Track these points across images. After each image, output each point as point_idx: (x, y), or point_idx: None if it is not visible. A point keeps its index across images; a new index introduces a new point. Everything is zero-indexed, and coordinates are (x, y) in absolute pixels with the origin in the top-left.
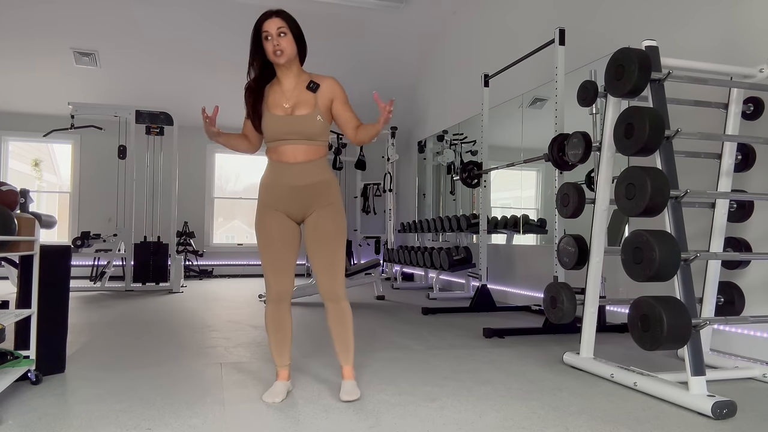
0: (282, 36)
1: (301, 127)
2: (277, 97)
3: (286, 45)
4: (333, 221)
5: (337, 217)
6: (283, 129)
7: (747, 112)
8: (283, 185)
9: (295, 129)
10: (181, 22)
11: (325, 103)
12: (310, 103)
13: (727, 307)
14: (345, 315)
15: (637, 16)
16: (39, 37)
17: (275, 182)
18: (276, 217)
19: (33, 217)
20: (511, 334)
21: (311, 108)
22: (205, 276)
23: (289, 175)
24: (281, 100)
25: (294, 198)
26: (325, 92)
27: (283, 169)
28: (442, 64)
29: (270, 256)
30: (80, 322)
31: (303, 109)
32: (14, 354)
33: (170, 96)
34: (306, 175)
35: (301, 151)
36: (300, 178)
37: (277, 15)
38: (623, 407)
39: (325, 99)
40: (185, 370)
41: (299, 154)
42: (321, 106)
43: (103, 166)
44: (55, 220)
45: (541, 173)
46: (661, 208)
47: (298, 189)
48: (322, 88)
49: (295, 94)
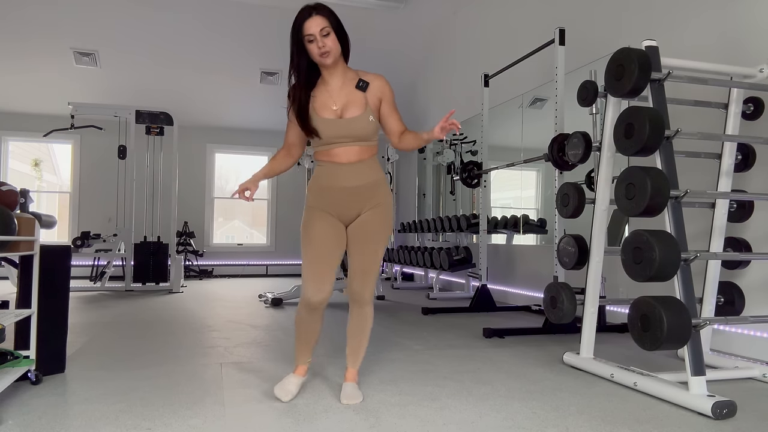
0: (326, 36)
1: (353, 130)
2: (325, 98)
3: (332, 45)
4: (380, 223)
5: (384, 219)
6: (334, 133)
7: (747, 112)
8: (335, 187)
9: (347, 132)
10: (181, 22)
11: (374, 102)
12: (360, 103)
13: (727, 307)
14: (366, 320)
15: (637, 16)
16: (39, 37)
17: (327, 184)
18: (325, 219)
19: (33, 217)
20: (511, 334)
21: (362, 109)
22: (205, 276)
23: (341, 176)
24: (329, 101)
25: (346, 199)
26: (374, 91)
27: (336, 170)
28: (443, 64)
29: (314, 255)
30: (80, 322)
31: (353, 110)
32: (14, 354)
33: (170, 96)
34: (358, 175)
35: (354, 152)
36: (353, 178)
37: (317, 12)
38: (623, 407)
39: (375, 98)
40: (185, 370)
41: (352, 155)
42: (372, 105)
43: (103, 166)
44: (55, 220)
45: (541, 173)
46: (661, 208)
47: (351, 190)
48: (372, 87)
49: (343, 94)
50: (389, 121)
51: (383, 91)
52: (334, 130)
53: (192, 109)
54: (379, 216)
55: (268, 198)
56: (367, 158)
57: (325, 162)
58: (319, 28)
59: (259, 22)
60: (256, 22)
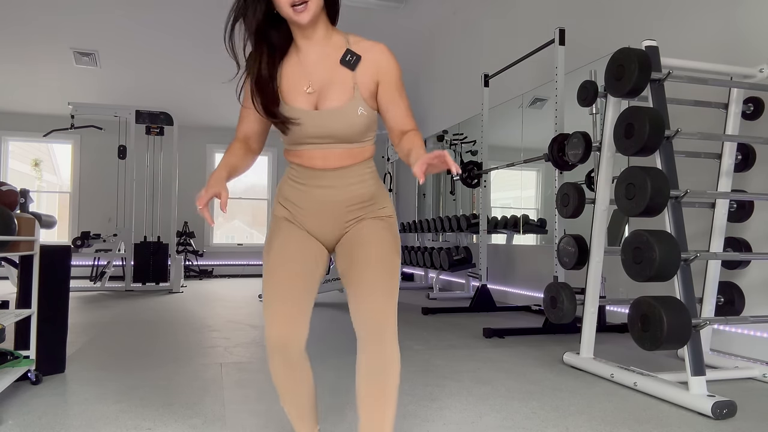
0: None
1: (333, 127)
2: (295, 76)
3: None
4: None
5: (389, 233)
6: (306, 131)
7: (747, 112)
8: (310, 200)
9: (325, 131)
10: (181, 22)
11: (367, 85)
12: (346, 86)
13: (727, 307)
14: (388, 368)
15: (637, 16)
16: (39, 37)
17: (299, 195)
18: (296, 236)
19: (33, 217)
20: (511, 334)
21: (348, 95)
22: (205, 276)
23: (318, 185)
24: (300, 80)
25: (325, 216)
26: (369, 69)
27: (311, 179)
28: (442, 64)
29: (277, 284)
30: (80, 322)
31: (334, 98)
32: (14, 354)
33: (170, 96)
34: (343, 186)
35: (335, 156)
36: (334, 191)
37: None
38: (623, 407)
39: (368, 79)
40: (185, 370)
41: (332, 160)
42: (363, 90)
43: (103, 166)
44: (55, 220)
45: (541, 173)
46: (661, 208)
47: (331, 206)
48: (365, 62)
49: (321, 70)
50: (390, 113)
51: (383, 68)
52: (306, 127)
53: (192, 109)
54: (381, 229)
55: (268, 198)
56: (356, 162)
57: (296, 165)
58: None
59: None
60: None
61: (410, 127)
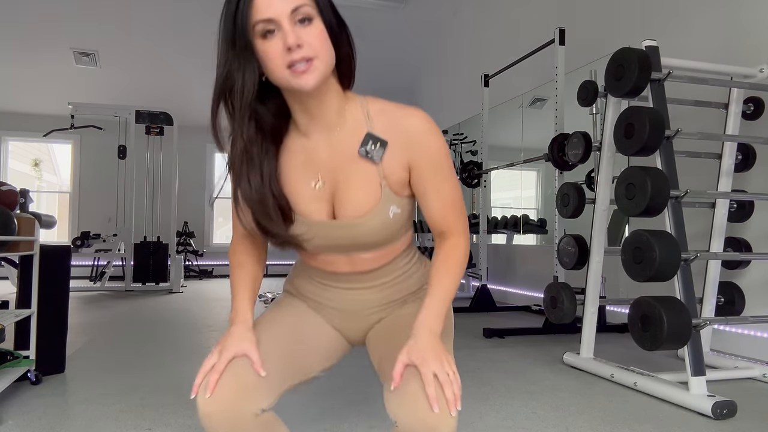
0: (304, 23)
1: (357, 238)
2: (297, 169)
3: (317, 43)
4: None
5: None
6: (320, 243)
7: (747, 112)
8: (336, 298)
9: (347, 241)
10: (181, 22)
11: (399, 175)
12: (370, 182)
13: (727, 307)
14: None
15: (637, 16)
16: (39, 37)
17: (320, 291)
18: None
19: (33, 217)
20: (511, 334)
21: (373, 197)
22: (205, 276)
23: (347, 288)
24: (305, 174)
25: (354, 316)
26: (398, 152)
27: (334, 281)
28: (442, 64)
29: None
30: (80, 322)
31: (356, 201)
32: (14, 354)
33: (170, 96)
34: (380, 285)
35: (365, 262)
36: (369, 291)
37: None
38: (623, 407)
39: (399, 167)
40: (185, 369)
41: (361, 264)
42: (393, 182)
43: (103, 166)
44: (55, 220)
45: (541, 173)
46: (661, 208)
47: (363, 303)
48: (393, 145)
49: (334, 158)
50: (425, 203)
51: (415, 150)
52: (319, 240)
53: (192, 109)
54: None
55: None
56: (393, 259)
57: (313, 267)
58: (291, 5)
59: None
60: None
61: (449, 228)
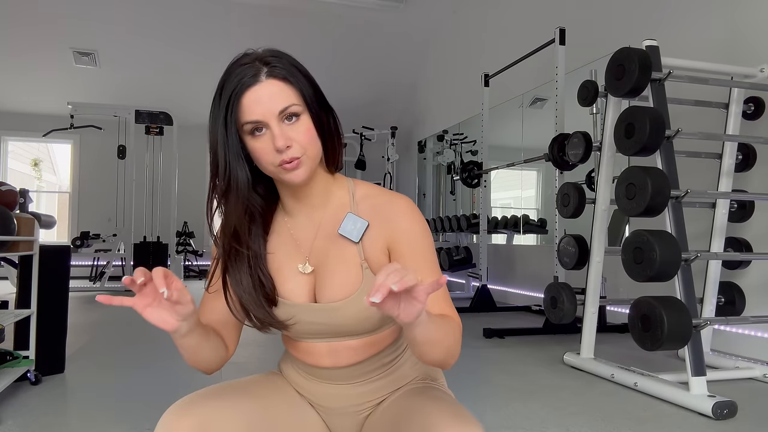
0: (293, 120)
1: (338, 323)
2: (284, 250)
3: (305, 140)
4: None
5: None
6: (301, 328)
7: (747, 112)
8: (324, 392)
9: (328, 328)
10: (181, 22)
11: (380, 258)
12: (350, 264)
13: (727, 307)
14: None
15: (637, 16)
16: (39, 37)
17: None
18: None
19: (32, 217)
20: (511, 334)
21: (354, 279)
22: (204, 276)
23: (332, 382)
24: (292, 257)
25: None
26: (379, 234)
27: (318, 375)
28: (442, 63)
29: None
30: (80, 322)
31: (337, 283)
32: (14, 354)
33: (170, 96)
34: (370, 379)
35: (348, 352)
36: (358, 385)
37: (272, 73)
38: (623, 407)
39: (380, 250)
40: (185, 369)
41: (344, 356)
42: (374, 265)
43: (103, 166)
44: (55, 220)
45: (541, 173)
46: (661, 208)
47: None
48: (374, 226)
49: (318, 239)
50: None
51: (396, 233)
52: (301, 325)
53: (192, 109)
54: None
55: None
56: (382, 350)
57: (299, 359)
58: (278, 106)
59: (260, 21)
60: (257, 22)
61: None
